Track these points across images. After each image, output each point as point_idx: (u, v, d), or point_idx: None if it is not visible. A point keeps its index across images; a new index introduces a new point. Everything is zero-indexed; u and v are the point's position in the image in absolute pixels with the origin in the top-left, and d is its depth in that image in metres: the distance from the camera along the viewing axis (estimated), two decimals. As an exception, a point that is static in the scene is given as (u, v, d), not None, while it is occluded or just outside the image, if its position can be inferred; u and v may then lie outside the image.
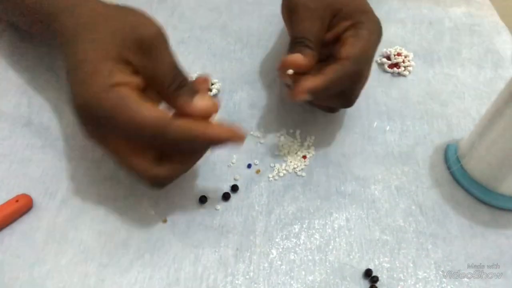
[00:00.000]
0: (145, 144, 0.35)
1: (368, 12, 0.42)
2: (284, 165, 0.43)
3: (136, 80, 0.35)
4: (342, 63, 0.39)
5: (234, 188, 0.41)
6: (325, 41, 0.42)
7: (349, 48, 0.39)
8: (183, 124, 0.34)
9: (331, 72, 0.39)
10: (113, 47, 0.34)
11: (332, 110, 0.45)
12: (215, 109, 0.36)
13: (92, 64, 0.34)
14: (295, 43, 0.40)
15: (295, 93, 0.39)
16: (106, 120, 0.33)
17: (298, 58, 0.39)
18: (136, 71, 0.35)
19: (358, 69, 0.40)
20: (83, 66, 0.34)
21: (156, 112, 0.34)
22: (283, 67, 0.40)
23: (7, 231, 0.37)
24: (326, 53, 0.41)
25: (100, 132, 0.35)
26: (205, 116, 0.36)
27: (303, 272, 0.37)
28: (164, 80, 0.35)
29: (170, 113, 0.36)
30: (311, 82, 0.38)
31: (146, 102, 0.34)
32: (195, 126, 0.34)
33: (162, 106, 0.37)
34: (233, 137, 0.35)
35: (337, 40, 0.41)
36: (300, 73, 0.40)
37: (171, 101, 0.36)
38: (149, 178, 0.35)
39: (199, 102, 0.35)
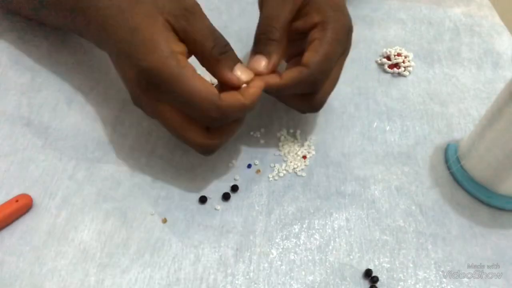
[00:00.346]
0: (196, 115, 0.36)
1: (338, 11, 0.40)
2: (284, 165, 0.43)
3: (184, 48, 0.37)
4: (300, 70, 0.38)
5: (234, 188, 0.41)
6: (295, 31, 0.41)
7: (310, 55, 0.39)
8: (228, 99, 0.36)
9: (287, 77, 0.39)
10: (160, 16, 0.36)
11: (302, 111, 0.44)
12: (251, 79, 0.38)
13: (148, 31, 0.35)
14: (259, 38, 0.40)
15: (249, 86, 0.38)
16: (167, 86, 0.35)
17: (259, 65, 0.39)
18: (181, 39, 0.37)
19: (316, 78, 0.39)
20: (138, 33, 0.35)
21: (208, 86, 0.35)
22: None
23: (7, 231, 0.37)
24: (298, 45, 0.41)
25: (156, 99, 0.36)
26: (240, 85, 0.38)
27: (303, 272, 0.37)
28: (206, 43, 0.37)
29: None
30: (266, 80, 0.38)
31: (198, 75, 0.36)
32: (237, 100, 0.36)
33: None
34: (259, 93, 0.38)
35: (306, 35, 0.40)
36: None
37: (211, 66, 0.38)
38: (200, 147, 0.38)
39: (243, 75, 0.38)
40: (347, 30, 0.41)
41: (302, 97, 0.41)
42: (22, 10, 0.49)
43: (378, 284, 0.36)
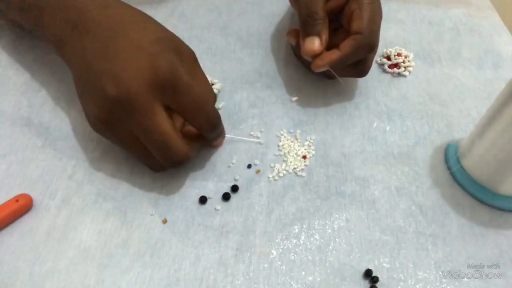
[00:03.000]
0: (156, 151, 0.38)
1: None
2: (284, 165, 0.43)
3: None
4: (355, 37, 0.43)
5: (234, 188, 0.41)
6: (329, 11, 0.45)
7: (358, 22, 0.43)
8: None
9: (346, 47, 0.43)
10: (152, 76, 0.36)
11: (331, 77, 0.47)
12: None
13: (135, 66, 0.36)
14: (306, 21, 0.44)
15: (316, 65, 0.44)
16: (136, 117, 0.36)
17: (313, 46, 0.44)
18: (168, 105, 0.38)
19: (371, 40, 0.44)
20: (128, 62, 0.36)
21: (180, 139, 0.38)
22: (305, 55, 0.45)
23: (7, 231, 0.37)
24: (334, 25, 0.46)
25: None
26: None
27: (303, 273, 0.37)
28: (203, 126, 0.40)
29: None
30: (329, 56, 0.44)
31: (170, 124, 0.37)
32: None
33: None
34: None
35: (341, 11, 0.46)
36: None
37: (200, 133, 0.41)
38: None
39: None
40: None
41: (353, 65, 0.45)
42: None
43: (378, 284, 0.36)
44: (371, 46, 0.44)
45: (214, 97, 0.44)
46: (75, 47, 0.38)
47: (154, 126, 0.36)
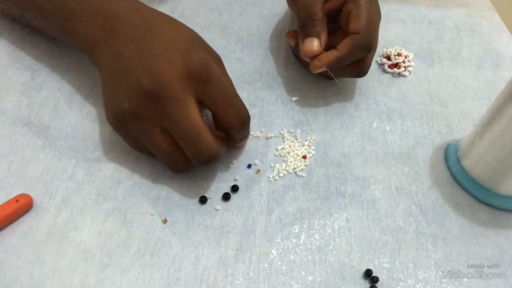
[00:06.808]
0: (185, 145, 0.38)
1: None
2: (284, 165, 0.43)
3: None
4: (353, 37, 0.43)
5: (234, 188, 0.41)
6: (327, 12, 0.45)
7: (356, 22, 0.43)
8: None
9: (344, 47, 0.43)
10: (184, 69, 0.37)
11: (330, 78, 0.47)
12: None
13: (170, 57, 0.37)
14: (305, 22, 0.44)
15: (314, 66, 0.44)
16: (169, 109, 0.37)
17: (313, 46, 0.44)
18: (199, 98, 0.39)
19: (368, 39, 0.44)
20: (162, 56, 0.37)
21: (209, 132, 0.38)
22: (304, 55, 0.45)
23: (7, 231, 0.37)
24: (332, 26, 0.46)
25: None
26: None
27: (303, 273, 0.37)
28: (232, 123, 0.41)
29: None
30: (327, 57, 0.44)
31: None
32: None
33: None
34: None
35: (339, 12, 0.46)
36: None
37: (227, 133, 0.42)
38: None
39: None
40: None
41: (352, 65, 0.45)
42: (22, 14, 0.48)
43: (378, 284, 0.36)
44: (368, 45, 0.44)
45: None
46: (108, 48, 0.39)
47: (186, 116, 0.36)
